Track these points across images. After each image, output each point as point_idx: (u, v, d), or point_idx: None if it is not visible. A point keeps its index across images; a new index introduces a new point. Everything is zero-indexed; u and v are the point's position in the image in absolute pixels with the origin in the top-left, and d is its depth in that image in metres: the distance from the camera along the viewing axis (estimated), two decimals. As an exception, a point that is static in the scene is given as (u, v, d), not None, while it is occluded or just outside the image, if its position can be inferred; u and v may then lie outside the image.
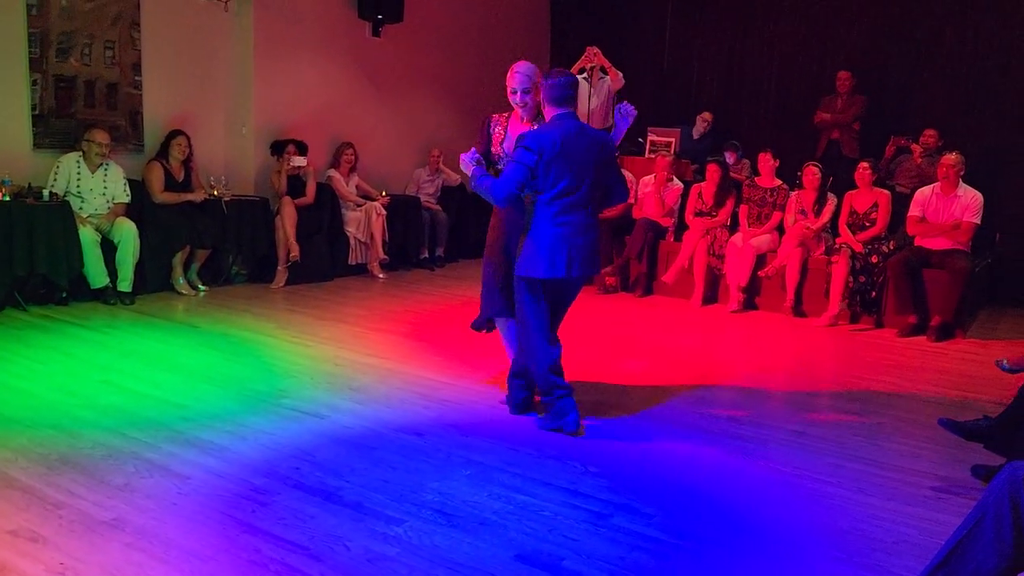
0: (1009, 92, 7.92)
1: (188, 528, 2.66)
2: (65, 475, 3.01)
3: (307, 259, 7.00)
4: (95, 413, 3.66)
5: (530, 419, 3.89)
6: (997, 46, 8.01)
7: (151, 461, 3.16)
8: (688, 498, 3.09)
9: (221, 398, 3.97)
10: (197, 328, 5.36)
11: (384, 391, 4.20)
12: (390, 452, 3.38)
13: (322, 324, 5.63)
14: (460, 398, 4.15)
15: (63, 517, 2.69)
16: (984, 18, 8.07)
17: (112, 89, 6.47)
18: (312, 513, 2.80)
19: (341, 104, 8.14)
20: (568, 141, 3.61)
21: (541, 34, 10.82)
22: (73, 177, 5.89)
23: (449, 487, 3.06)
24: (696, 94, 9.58)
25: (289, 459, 3.25)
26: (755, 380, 4.88)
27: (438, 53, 9.20)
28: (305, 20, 7.69)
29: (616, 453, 3.52)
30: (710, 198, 7.19)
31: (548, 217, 3.65)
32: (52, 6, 6.03)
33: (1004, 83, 7.95)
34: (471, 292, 7.11)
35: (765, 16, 9.28)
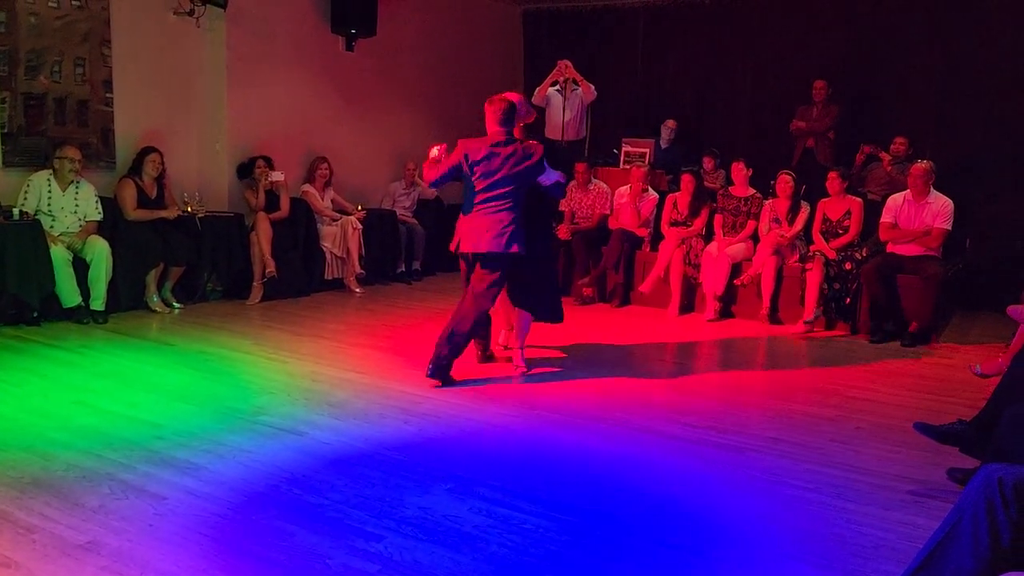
0: (979, 100, 8.07)
1: (165, 550, 2.62)
2: (38, 498, 2.95)
3: (283, 275, 6.95)
4: (69, 435, 3.60)
5: (512, 432, 3.89)
6: (967, 54, 8.17)
7: (126, 482, 3.12)
8: (667, 507, 3.10)
9: (197, 417, 3.92)
10: (172, 346, 5.30)
11: (363, 406, 4.18)
12: (370, 468, 3.36)
13: (299, 340, 5.59)
14: (440, 412, 4.14)
15: (36, 541, 2.64)
16: (954, 27, 8.23)
17: (83, 106, 6.41)
18: (291, 531, 2.77)
19: (315, 118, 8.12)
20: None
21: (514, 48, 10.88)
22: (44, 195, 5.82)
23: (430, 502, 3.04)
24: (670, 104, 9.66)
25: (267, 477, 3.22)
26: (732, 388, 4.91)
27: (412, 67, 9.22)
28: (278, 35, 7.67)
29: (594, 464, 3.52)
30: (685, 208, 7.25)
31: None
32: (21, 23, 5.97)
33: (975, 90, 8.11)
34: (449, 305, 7.09)
35: (740, 26, 9.39)
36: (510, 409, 4.23)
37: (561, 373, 4.98)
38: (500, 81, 10.62)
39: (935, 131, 8.13)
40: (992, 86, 8.01)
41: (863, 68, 8.67)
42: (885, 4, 8.63)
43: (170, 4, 6.89)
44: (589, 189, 7.77)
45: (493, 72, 10.48)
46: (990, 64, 8.04)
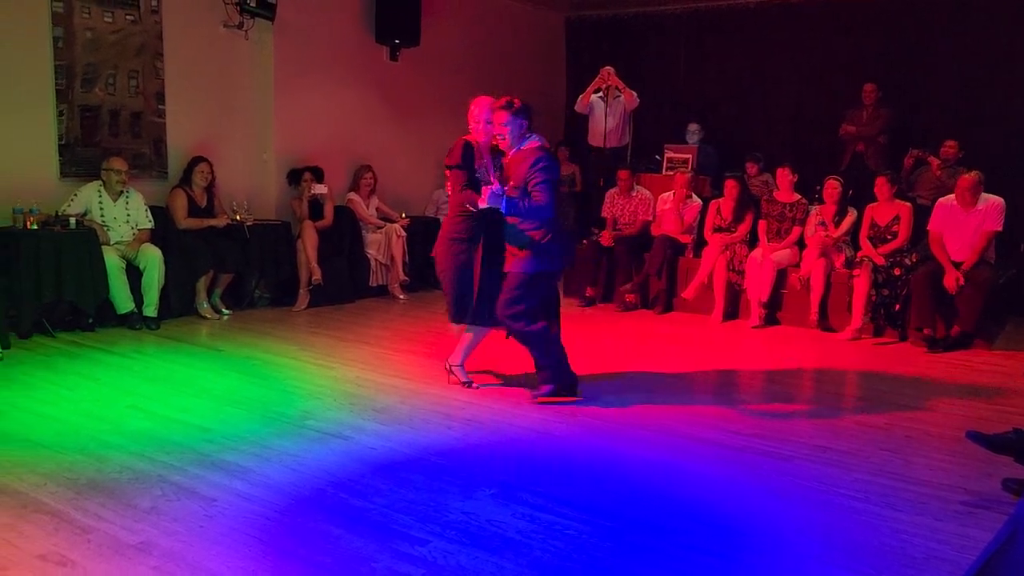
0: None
1: (215, 551, 2.67)
2: (93, 499, 3.04)
3: (328, 282, 7.06)
4: (122, 438, 3.70)
5: (554, 438, 3.89)
6: (1020, 55, 7.97)
7: (178, 484, 3.19)
8: (711, 516, 3.07)
9: (246, 421, 4.00)
10: (221, 352, 5.41)
11: (407, 412, 4.21)
12: (414, 472, 3.39)
13: (344, 346, 5.66)
14: (482, 417, 4.15)
15: (91, 541, 2.72)
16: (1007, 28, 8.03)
17: (136, 118, 6.59)
18: (337, 534, 2.81)
19: (360, 128, 8.23)
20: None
21: (556, 56, 10.90)
22: (95, 206, 5.99)
23: (473, 507, 3.06)
24: (713, 110, 9.59)
25: (314, 480, 3.27)
26: (778, 395, 4.84)
27: (455, 76, 9.28)
28: (324, 46, 7.80)
29: (637, 471, 3.50)
30: (729, 214, 7.18)
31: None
32: (78, 38, 6.17)
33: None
34: (491, 312, 7.12)
35: (785, 30, 9.28)
36: (551, 415, 4.23)
37: (602, 380, 4.97)
38: (542, 89, 10.66)
39: (987, 133, 7.92)
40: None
41: (913, 71, 8.51)
42: (935, 5, 8.46)
43: (220, 17, 7.06)
44: (632, 196, 7.74)
45: (535, 80, 10.50)
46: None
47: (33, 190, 5.87)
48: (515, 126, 4.35)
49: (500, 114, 4.33)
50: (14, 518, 2.85)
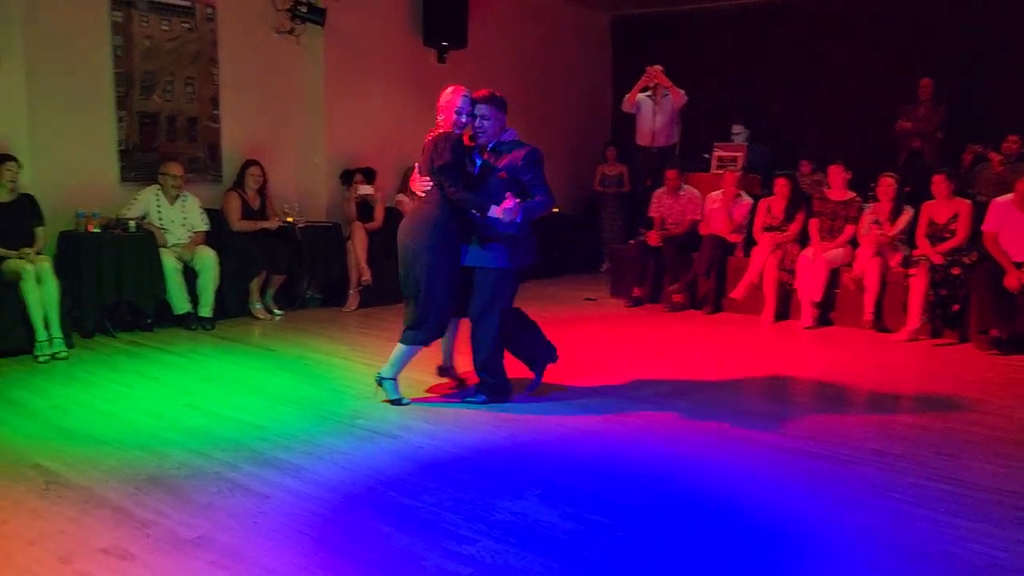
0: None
1: (269, 546, 2.73)
2: (152, 495, 3.13)
3: (378, 282, 7.14)
4: (180, 435, 3.80)
5: (602, 440, 3.88)
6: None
7: (233, 481, 3.26)
8: (761, 520, 3.03)
9: (298, 419, 4.07)
10: (274, 351, 5.52)
11: (454, 412, 4.25)
12: (462, 472, 3.41)
13: (393, 346, 5.69)
14: (530, 418, 4.16)
15: (151, 535, 2.80)
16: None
17: (192, 123, 6.77)
18: (387, 532, 2.85)
19: (409, 130, 8.29)
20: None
21: (602, 56, 10.86)
22: (153, 209, 6.16)
23: (521, 506, 3.07)
24: (763, 107, 9.46)
25: (364, 479, 3.32)
26: (831, 397, 4.76)
27: (501, 77, 9.29)
28: (373, 50, 7.90)
29: (686, 474, 3.47)
30: (780, 212, 7.07)
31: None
32: (136, 47, 6.35)
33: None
34: (540, 311, 7.11)
35: (837, 25, 9.12)
36: (599, 417, 4.22)
37: (651, 382, 4.94)
38: (589, 89, 10.65)
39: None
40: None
41: (971, 64, 8.27)
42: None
43: (272, 24, 7.21)
44: (680, 195, 7.68)
45: (582, 80, 10.50)
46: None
47: (95, 195, 6.07)
48: (498, 120, 4.28)
49: (484, 107, 4.25)
50: (78, 512, 2.96)
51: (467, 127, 4.27)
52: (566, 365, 5.10)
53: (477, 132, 4.30)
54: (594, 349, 5.79)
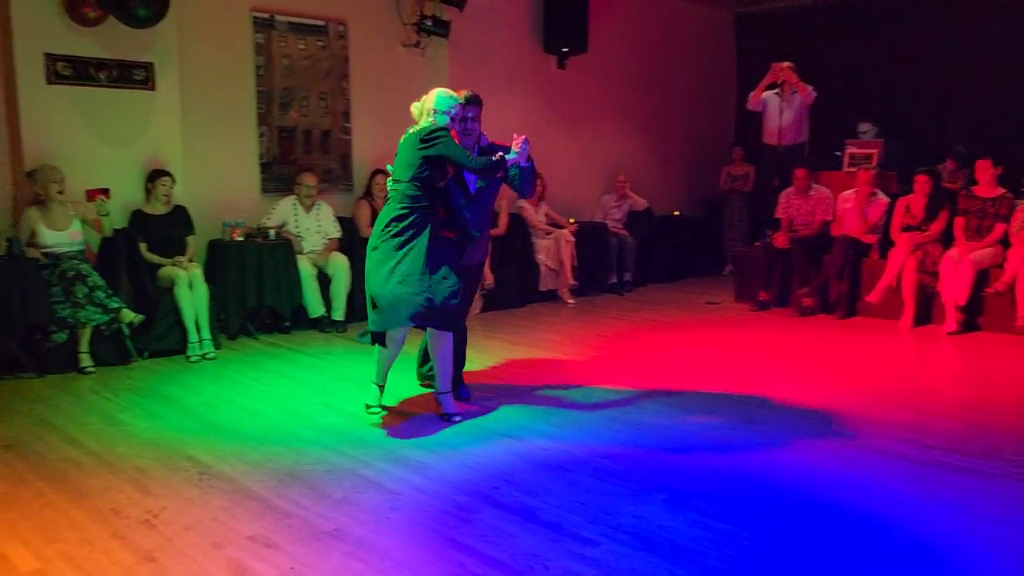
0: None
1: (400, 541, 2.84)
2: (292, 488, 3.32)
3: (500, 287, 7.27)
4: (316, 432, 4.01)
5: (729, 445, 3.80)
6: None
7: (365, 477, 3.42)
8: (897, 536, 2.89)
9: (425, 419, 4.21)
10: (402, 353, 5.67)
11: (576, 414, 4.27)
12: (585, 474, 3.43)
13: (516, 349, 5.82)
14: (652, 422, 4.13)
15: (292, 526, 2.97)
16: None
17: (326, 136, 7.12)
18: (512, 531, 2.90)
19: (529, 136, 8.30)
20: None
21: (726, 54, 10.62)
22: (291, 218, 6.51)
23: (645, 511, 3.06)
24: (897, 102, 8.98)
25: (488, 478, 3.39)
26: (977, 408, 4.47)
27: (622, 80, 9.29)
28: (495, 58, 8.06)
29: (818, 485, 3.36)
30: (920, 211, 6.71)
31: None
32: (276, 65, 6.75)
33: None
34: (661, 316, 7.07)
35: (984, 11, 8.54)
36: (725, 421, 4.14)
37: (779, 386, 4.79)
38: (712, 88, 10.44)
39: None
40: None
41: None
42: None
43: (399, 38, 7.48)
44: (809, 195, 7.41)
45: (704, 79, 10.31)
46: None
47: (238, 205, 6.49)
48: (480, 122, 4.42)
49: (473, 108, 4.35)
50: (228, 502, 3.18)
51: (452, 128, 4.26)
52: (690, 370, 5.04)
53: (466, 133, 4.34)
54: (717, 354, 5.67)
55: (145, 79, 5.90)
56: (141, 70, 5.88)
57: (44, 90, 5.50)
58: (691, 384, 4.82)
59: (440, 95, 4.24)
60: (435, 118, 4.19)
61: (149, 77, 5.92)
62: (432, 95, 4.25)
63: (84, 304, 5.08)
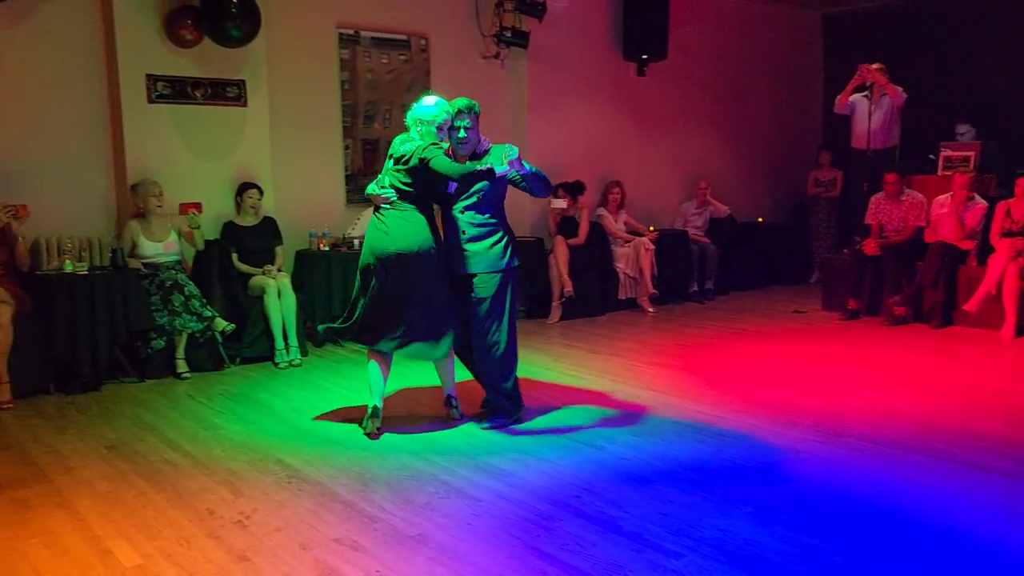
0: None
1: (482, 547, 2.87)
2: (377, 492, 3.39)
3: (579, 295, 7.27)
4: (399, 437, 4.09)
5: (815, 458, 3.70)
6: None
7: (448, 483, 3.46)
8: (997, 555, 2.75)
9: (509, 427, 4.24)
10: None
11: (659, 424, 4.23)
12: (667, 485, 3.39)
13: (595, 357, 5.80)
14: (736, 433, 4.06)
15: (377, 529, 3.04)
16: None
17: (407, 147, 7.23)
18: (593, 541, 2.90)
19: (609, 144, 8.40)
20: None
21: (812, 56, 10.35)
22: (376, 227, 6.66)
23: (729, 524, 3.00)
24: (996, 102, 8.57)
25: (569, 487, 3.39)
26: (1088, 423, 4.22)
27: (703, 85, 9.17)
28: (574, 68, 8.07)
29: (910, 501, 3.23)
30: (1022, 216, 6.38)
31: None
32: (360, 80, 6.93)
33: None
34: (744, 325, 6.93)
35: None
36: (811, 433, 4.03)
37: (868, 397, 4.63)
38: (797, 91, 10.20)
39: None
40: None
41: None
42: None
43: (479, 50, 7.58)
44: (901, 200, 7.15)
45: (790, 82, 10.08)
46: None
47: (324, 216, 6.68)
48: (477, 129, 4.31)
49: (468, 117, 4.27)
50: (315, 504, 3.27)
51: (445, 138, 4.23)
52: (774, 380, 4.93)
53: (460, 143, 4.28)
54: (804, 364, 5.52)
55: (238, 96, 6.15)
56: (234, 87, 6.13)
57: (145, 108, 5.79)
58: (776, 395, 4.71)
59: (423, 105, 4.22)
60: (422, 128, 4.18)
61: (241, 94, 6.17)
62: (417, 106, 4.24)
63: (180, 312, 5.32)
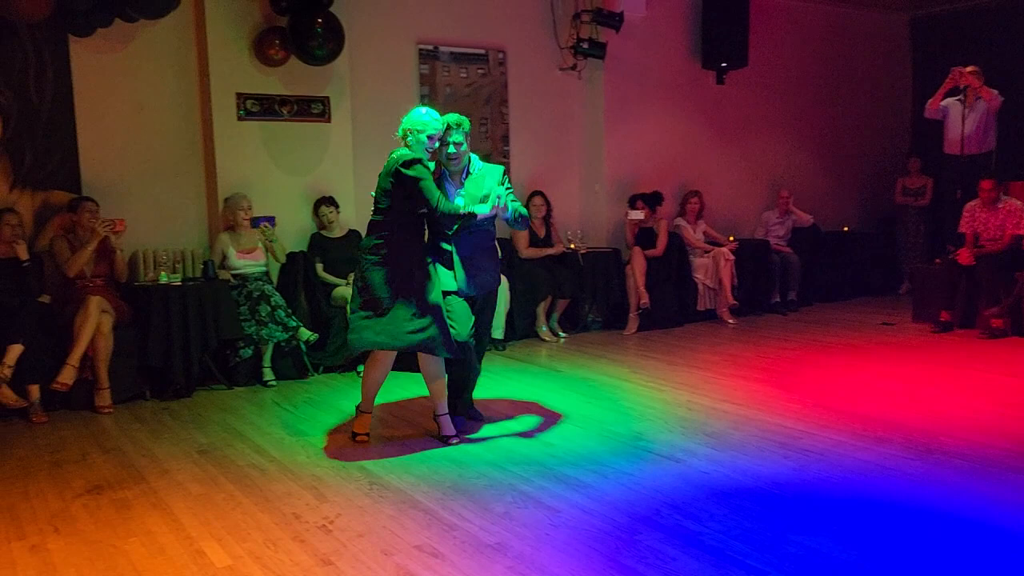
0: None
1: (560, 558, 2.87)
2: (456, 500, 3.43)
3: (657, 306, 7.19)
4: (479, 447, 4.13)
5: (908, 477, 3.56)
6: None
7: (526, 493, 3.47)
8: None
9: (583, 438, 4.23)
10: (559, 372, 5.77)
11: (740, 438, 4.15)
12: (749, 500, 3.32)
13: (674, 369, 5.73)
14: (822, 449, 3.94)
15: (456, 537, 3.07)
16: None
17: (486, 159, 7.29)
18: (673, 555, 2.86)
19: (686, 153, 8.31)
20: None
21: (900, 59, 10.01)
22: (454, 239, 6.75)
23: (813, 542, 2.92)
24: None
25: (648, 500, 3.36)
26: None
27: (785, 92, 8.98)
28: (652, 77, 8.02)
29: (1009, 522, 3.07)
30: None
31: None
32: (439, 94, 7.06)
33: None
34: (829, 337, 6.74)
35: None
36: (900, 450, 3.88)
37: (962, 413, 4.44)
38: (884, 96, 9.89)
39: None
40: None
41: None
42: None
43: (556, 62, 7.63)
44: (998, 207, 6.84)
45: (876, 87, 9.79)
46: None
47: (404, 228, 6.79)
48: (467, 146, 4.29)
49: (459, 133, 4.23)
50: (396, 512, 3.33)
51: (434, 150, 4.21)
52: (861, 394, 4.77)
53: (450, 159, 4.27)
54: (893, 378, 5.33)
55: (322, 112, 6.35)
56: (318, 104, 6.33)
57: (235, 126, 6.03)
58: (862, 409, 4.56)
59: (417, 115, 4.20)
60: (410, 139, 4.16)
61: (325, 110, 6.36)
62: (410, 114, 4.23)
63: (267, 322, 5.51)
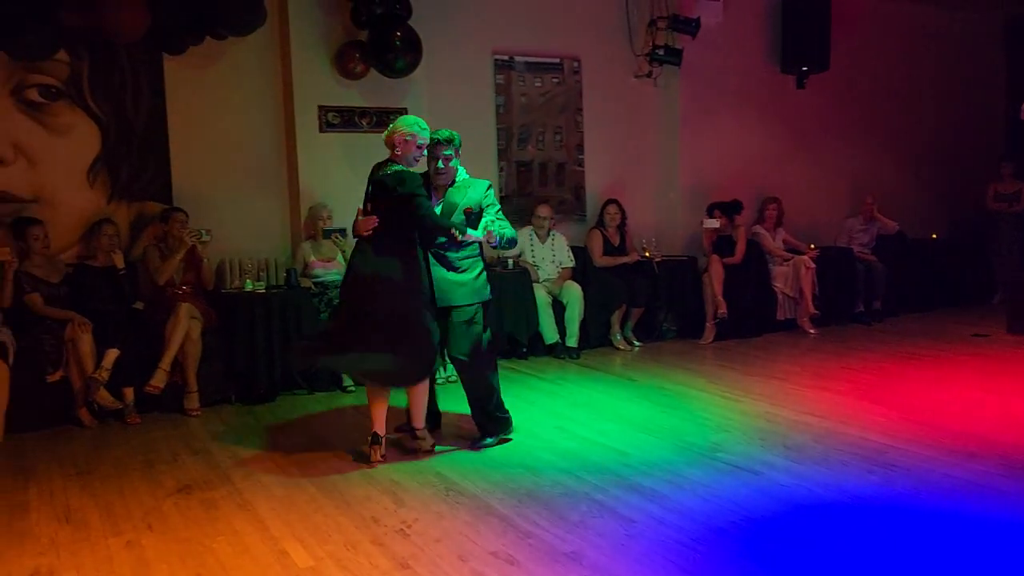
0: None
1: (636, 569, 2.85)
2: (531, 508, 3.44)
3: (734, 315, 7.06)
4: (553, 455, 4.13)
5: (1004, 496, 3.41)
6: None
7: (601, 503, 3.47)
8: None
9: (658, 448, 4.19)
10: (634, 381, 5.73)
11: (821, 451, 4.04)
12: (831, 516, 3.24)
13: (752, 380, 5.62)
14: (910, 464, 3.81)
15: (532, 545, 3.08)
16: None
17: (560, 168, 7.37)
18: (753, 570, 2.81)
19: (764, 159, 8.16)
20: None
21: (992, 62, 9.60)
22: (527, 248, 6.79)
23: (898, 560, 2.82)
24: None
25: (727, 513, 3.31)
26: None
27: (869, 95, 8.74)
28: (728, 83, 7.91)
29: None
30: None
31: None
32: (514, 104, 7.12)
33: None
34: (917, 348, 6.51)
35: None
36: (992, 467, 3.71)
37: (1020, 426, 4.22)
38: (975, 99, 9.52)
39: None
40: None
41: None
42: None
43: (631, 69, 7.59)
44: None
45: (966, 90, 9.42)
46: None
47: (480, 237, 6.87)
48: (455, 159, 4.24)
49: (448, 148, 4.19)
50: (472, 518, 3.36)
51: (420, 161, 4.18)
52: (950, 408, 4.58)
53: (438, 173, 4.23)
54: (987, 392, 5.10)
55: (400, 123, 6.47)
56: (396, 115, 6.43)
57: (317, 138, 6.21)
58: (953, 423, 4.38)
59: (412, 120, 4.20)
60: (401, 147, 4.12)
61: (403, 122, 6.48)
62: (401, 119, 4.23)
63: (347, 329, 5.63)
